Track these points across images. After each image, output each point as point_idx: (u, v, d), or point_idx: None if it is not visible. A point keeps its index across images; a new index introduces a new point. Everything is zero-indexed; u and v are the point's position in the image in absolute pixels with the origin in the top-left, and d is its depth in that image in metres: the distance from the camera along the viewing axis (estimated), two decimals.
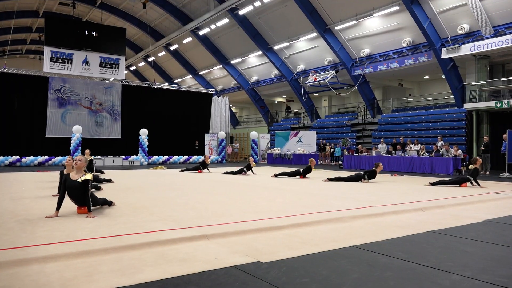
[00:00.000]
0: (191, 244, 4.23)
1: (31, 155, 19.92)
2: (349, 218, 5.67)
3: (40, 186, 9.73)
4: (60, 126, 21.60)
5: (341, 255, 3.92)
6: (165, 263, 3.59)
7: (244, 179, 12.31)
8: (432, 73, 23.63)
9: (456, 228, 5.24)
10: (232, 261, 3.64)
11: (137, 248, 3.99)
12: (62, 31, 21.70)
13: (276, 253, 3.94)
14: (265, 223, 5.18)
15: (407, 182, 11.98)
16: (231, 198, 7.71)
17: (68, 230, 4.62)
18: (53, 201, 7.05)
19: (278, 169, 17.78)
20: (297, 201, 7.29)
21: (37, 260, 3.52)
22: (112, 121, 23.28)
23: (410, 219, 5.82)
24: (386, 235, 4.78)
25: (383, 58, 22.63)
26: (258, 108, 34.30)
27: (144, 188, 9.56)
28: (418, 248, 4.22)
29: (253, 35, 27.64)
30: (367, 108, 25.37)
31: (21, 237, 4.28)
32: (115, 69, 23.13)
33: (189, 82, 39.68)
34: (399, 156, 17.28)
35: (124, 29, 24.91)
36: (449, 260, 3.78)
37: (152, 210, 6.20)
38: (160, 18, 34.00)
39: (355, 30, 22.90)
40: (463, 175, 10.13)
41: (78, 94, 22.30)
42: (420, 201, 7.47)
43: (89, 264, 3.52)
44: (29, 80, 21.24)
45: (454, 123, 19.95)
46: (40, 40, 36.96)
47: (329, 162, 24.21)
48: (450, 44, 19.04)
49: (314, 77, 24.99)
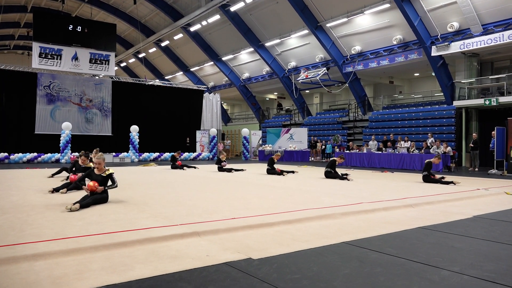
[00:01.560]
0: (182, 241, 4.22)
1: (20, 152, 19.69)
2: (339, 215, 5.70)
3: (29, 183, 9.63)
4: (49, 123, 21.37)
5: (332, 251, 3.95)
6: (156, 260, 3.58)
7: (235, 176, 12.30)
8: (422, 70, 23.80)
9: (445, 224, 5.30)
10: (223, 258, 3.65)
11: (128, 245, 3.98)
12: (51, 26, 21.42)
13: (267, 249, 3.95)
14: (256, 220, 5.19)
15: (397, 179, 12.08)
16: (222, 195, 7.70)
17: (57, 228, 4.58)
18: (44, 198, 6.99)
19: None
20: (288, 198, 7.32)
21: (26, 258, 3.49)
22: (102, 117, 23.09)
23: (400, 216, 5.87)
24: (377, 231, 4.82)
25: (374, 55, 22.73)
26: (250, 105, 34.28)
27: (135, 185, 9.51)
28: (407, 244, 4.26)
29: (244, 32, 27.58)
30: (358, 105, 25.49)
31: (10, 235, 4.24)
32: (105, 65, 22.92)
33: (180, 79, 39.50)
34: (389, 153, 17.41)
35: (114, 25, 24.68)
36: (438, 255, 3.82)
37: (143, 207, 6.17)
38: (150, 14, 33.76)
39: (346, 28, 22.96)
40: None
41: (68, 91, 22.07)
42: (410, 197, 7.54)
43: (79, 261, 3.50)
44: (17, 76, 20.96)
45: (444, 120, 20.14)
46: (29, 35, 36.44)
47: (320, 159, 24.30)
48: (440, 42, 19.19)
49: (306, 74, 25.03)
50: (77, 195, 7.11)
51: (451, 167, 15.86)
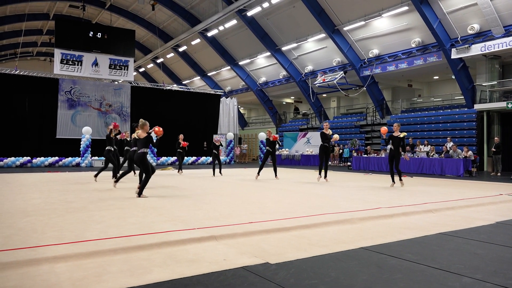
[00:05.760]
0: (200, 245, 4.24)
1: (42, 156, 20.13)
2: (358, 220, 5.64)
3: (51, 187, 9.83)
4: (70, 127, 21.79)
5: (350, 256, 3.90)
6: (174, 263, 3.60)
7: (251, 180, 12.30)
8: (442, 73, 23.43)
9: (467, 230, 5.19)
10: (240, 262, 3.64)
11: (146, 248, 4.01)
12: (72, 33, 21.91)
13: (284, 254, 3.93)
14: (273, 224, 5.17)
15: (416, 183, 11.88)
16: (238, 199, 7.71)
17: (77, 231, 4.66)
18: (64, 201, 7.12)
19: (286, 171, 17.77)
20: (305, 202, 7.27)
21: (48, 260, 3.55)
22: (122, 122, 23.42)
23: (420, 221, 5.77)
24: (396, 236, 4.75)
25: (392, 58, 22.49)
26: (267, 109, 34.30)
27: (152, 188, 9.60)
28: (428, 250, 4.18)
29: (261, 36, 27.66)
30: (376, 109, 25.23)
31: (32, 237, 4.32)
32: (124, 70, 23.29)
33: (197, 84, 39.81)
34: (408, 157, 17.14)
35: (133, 31, 25.07)
36: (459, 262, 3.74)
37: (160, 210, 6.22)
38: (168, 20, 34.17)
39: (363, 31, 22.79)
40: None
41: (88, 96, 22.49)
42: (430, 202, 7.41)
43: (99, 264, 3.54)
44: (39, 82, 21.47)
45: (465, 124, 19.75)
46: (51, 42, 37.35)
47: (338, 163, 24.12)
48: (460, 44, 18.86)
49: (323, 78, 24.93)
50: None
51: (472, 171, 15.54)
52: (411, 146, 18.84)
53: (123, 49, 23.25)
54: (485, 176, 15.39)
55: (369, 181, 11.33)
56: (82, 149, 20.18)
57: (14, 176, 13.05)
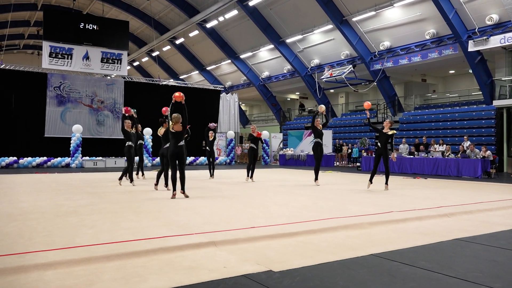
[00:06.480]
0: (199, 251, 4.25)
1: (29, 156, 20.17)
2: (368, 224, 5.64)
3: (39, 188, 9.86)
4: (60, 125, 21.83)
5: (360, 264, 3.90)
6: (171, 271, 3.61)
7: (254, 182, 12.30)
8: (458, 67, 23.38)
9: (485, 236, 5.18)
10: (242, 270, 3.65)
11: (141, 255, 4.02)
12: (61, 24, 21.94)
13: (289, 261, 3.93)
14: (277, 229, 5.17)
15: (431, 185, 11.87)
16: (240, 202, 7.72)
17: (68, 236, 4.67)
18: (54, 205, 7.14)
19: (291, 172, 17.78)
20: (311, 206, 7.28)
21: (36, 267, 3.56)
22: (114, 120, 23.46)
23: (435, 226, 5.77)
24: (409, 242, 4.74)
25: (404, 51, 22.45)
26: (270, 105, 34.31)
27: (148, 191, 9.62)
28: (443, 257, 4.18)
29: (264, 28, 27.65)
30: (387, 106, 25.20)
31: (19, 243, 4.34)
32: (117, 64, 23.33)
33: (195, 78, 39.86)
34: (422, 158, 17.14)
35: (126, 22, 25.11)
36: (477, 270, 3.73)
37: (156, 214, 6.24)
38: (165, 10, 34.21)
39: (374, 22, 22.76)
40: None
41: (79, 92, 22.53)
42: (445, 206, 7.40)
43: (91, 271, 3.55)
44: (27, 77, 21.50)
45: (483, 121, 19.71)
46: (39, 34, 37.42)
47: (346, 163, 24.11)
48: (477, 36, 18.81)
49: (330, 72, 24.91)
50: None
51: (491, 173, 15.50)
52: (425, 145, 18.82)
53: (116, 42, 23.28)
54: (505, 178, 15.36)
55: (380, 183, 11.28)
56: (72, 148, 20.22)
57: (0, 178, 13.09)
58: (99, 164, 20.94)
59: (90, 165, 20.68)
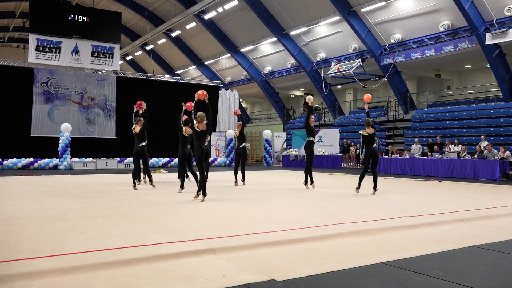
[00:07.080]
0: (196, 259, 4.25)
1: (14, 157, 20.19)
2: (377, 230, 5.64)
3: (25, 192, 9.87)
4: (47, 124, 21.84)
5: (369, 273, 3.90)
6: (166, 280, 3.61)
7: (254, 184, 12.31)
8: (475, 61, 23.36)
9: (504, 243, 5.18)
10: (242, 279, 3.65)
11: (134, 263, 4.03)
12: (49, 16, 21.96)
13: (292, 270, 3.94)
14: (281, 235, 5.18)
15: (445, 188, 11.86)
16: (241, 206, 7.73)
17: (56, 243, 4.68)
18: (41, 209, 7.15)
19: (295, 174, 17.78)
20: (317, 210, 7.28)
21: (22, 276, 3.57)
22: (106, 118, 23.49)
23: (449, 232, 5.77)
24: (421, 250, 4.75)
25: (417, 44, 22.43)
26: (272, 103, 34.31)
27: (141, 194, 9.63)
28: (458, 265, 4.18)
29: (266, 19, 27.65)
30: (399, 103, 25.19)
31: (3, 250, 4.35)
32: (109, 59, 23.35)
33: (193, 74, 39.89)
34: (436, 159, 17.12)
35: (119, 13, 25.13)
36: (495, 280, 3.73)
37: (150, 220, 6.24)
38: (160, 1, 34.22)
39: (384, 13, 22.74)
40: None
41: (67, 88, 22.56)
42: (461, 210, 7.40)
43: (80, 281, 3.56)
44: (11, 72, 21.50)
45: (501, 120, 19.69)
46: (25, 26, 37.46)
47: (355, 165, 24.11)
48: (495, 28, 18.78)
49: (337, 67, 24.89)
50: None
51: (510, 175, 15.48)
52: (439, 145, 18.80)
53: (108, 34, 23.30)
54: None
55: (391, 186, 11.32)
56: (61, 149, 20.25)
57: None
58: (89, 166, 20.97)
59: (79, 167, 20.70)
